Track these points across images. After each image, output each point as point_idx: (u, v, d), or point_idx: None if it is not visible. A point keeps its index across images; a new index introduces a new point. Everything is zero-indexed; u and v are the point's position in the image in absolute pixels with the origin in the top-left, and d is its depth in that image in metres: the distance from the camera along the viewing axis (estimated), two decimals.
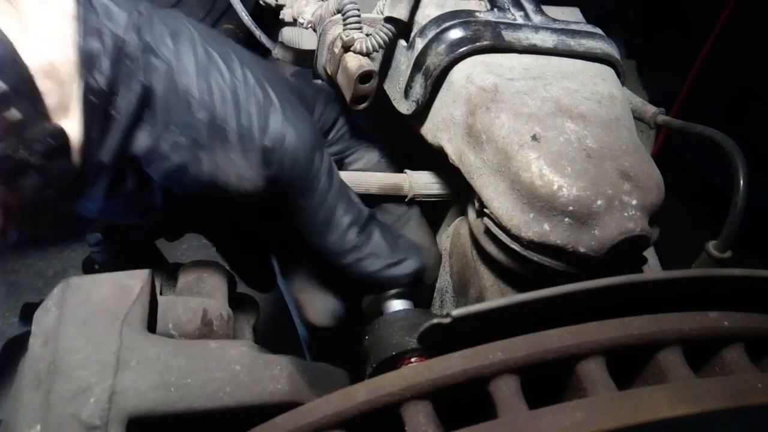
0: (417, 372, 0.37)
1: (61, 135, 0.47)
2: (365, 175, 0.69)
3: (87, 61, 0.47)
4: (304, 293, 0.69)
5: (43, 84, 0.45)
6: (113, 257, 0.68)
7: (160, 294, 0.63)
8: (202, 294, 0.62)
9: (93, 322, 0.45)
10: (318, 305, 0.68)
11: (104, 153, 0.50)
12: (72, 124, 0.48)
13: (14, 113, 0.44)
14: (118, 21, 0.49)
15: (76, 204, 0.54)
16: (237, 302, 0.68)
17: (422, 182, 0.73)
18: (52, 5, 0.47)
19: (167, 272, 0.66)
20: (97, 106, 0.48)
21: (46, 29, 0.46)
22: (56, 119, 0.47)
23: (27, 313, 0.50)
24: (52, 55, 0.46)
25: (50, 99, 0.46)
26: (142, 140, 0.51)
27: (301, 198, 0.58)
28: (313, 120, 0.61)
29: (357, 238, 0.61)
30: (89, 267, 0.70)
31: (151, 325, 0.48)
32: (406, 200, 0.72)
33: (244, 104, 0.54)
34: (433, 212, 0.80)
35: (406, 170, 0.73)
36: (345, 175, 0.67)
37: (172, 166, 0.52)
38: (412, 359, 0.57)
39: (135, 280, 0.48)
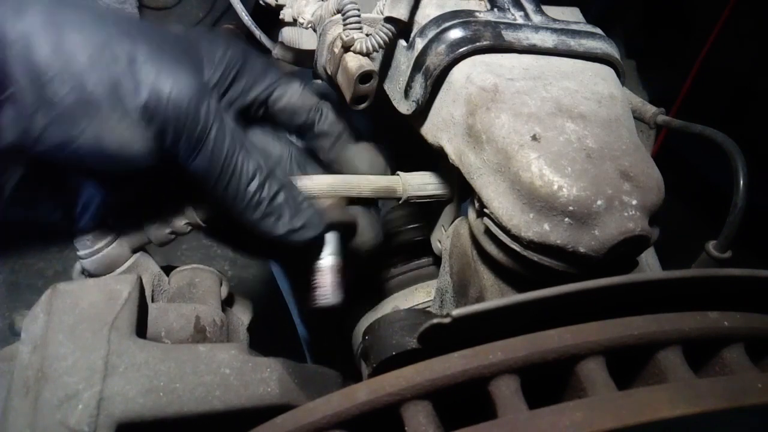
0: (417, 372, 0.37)
1: None
2: (358, 178, 0.68)
3: None
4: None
5: None
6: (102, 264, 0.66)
7: (152, 300, 0.62)
8: (195, 299, 0.61)
9: (81, 327, 0.44)
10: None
11: None
12: None
13: None
14: None
15: None
16: (231, 303, 0.68)
17: (415, 183, 0.72)
18: None
19: (159, 277, 0.65)
20: None
21: None
22: None
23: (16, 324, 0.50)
24: None
25: None
26: (10, 127, 0.50)
27: (194, 151, 0.56)
28: (194, 69, 0.58)
29: (259, 192, 0.59)
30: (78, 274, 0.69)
31: (141, 330, 0.48)
32: (400, 202, 0.72)
33: (109, 66, 0.51)
34: (427, 212, 0.80)
35: (398, 172, 0.74)
36: (337, 179, 0.66)
37: (52, 147, 0.51)
38: None
39: (123, 285, 0.47)
